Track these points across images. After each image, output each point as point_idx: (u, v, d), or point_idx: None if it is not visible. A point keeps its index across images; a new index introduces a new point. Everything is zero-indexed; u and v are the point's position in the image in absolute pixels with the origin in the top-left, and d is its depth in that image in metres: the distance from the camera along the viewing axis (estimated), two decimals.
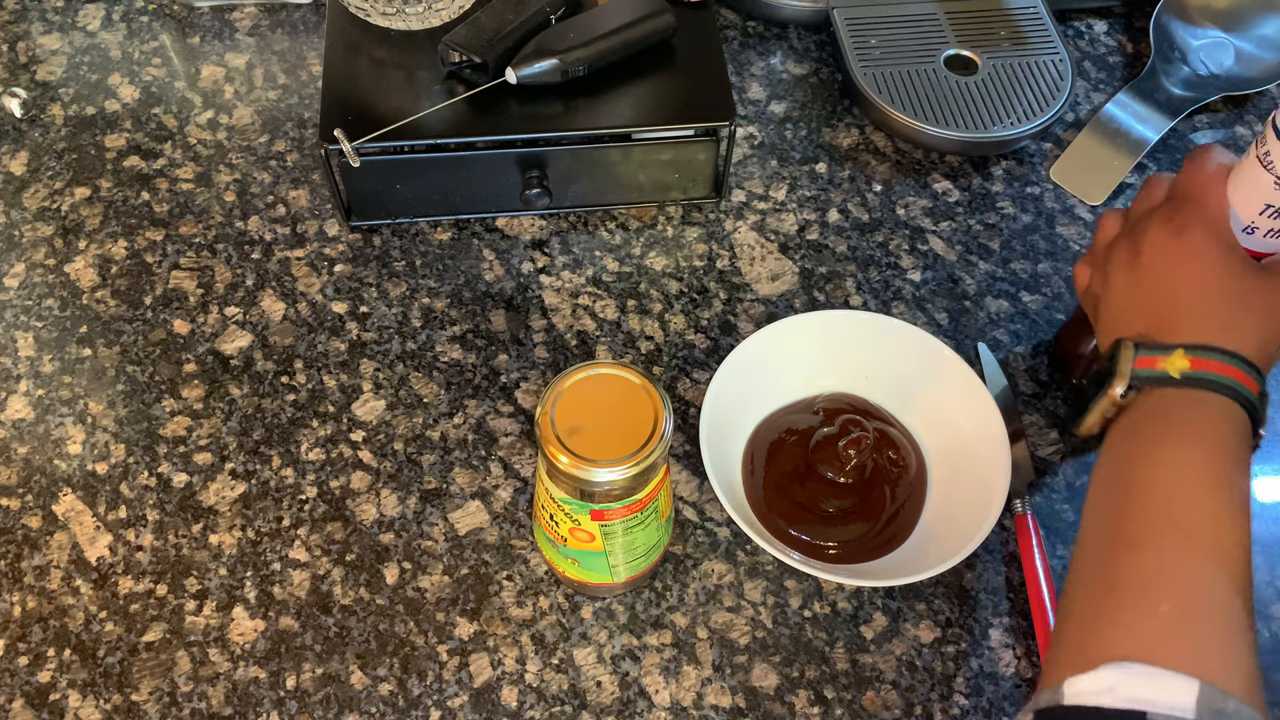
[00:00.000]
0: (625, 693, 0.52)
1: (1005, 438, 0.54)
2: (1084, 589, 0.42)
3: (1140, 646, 0.38)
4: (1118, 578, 0.41)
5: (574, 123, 0.63)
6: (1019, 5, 0.76)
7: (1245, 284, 0.46)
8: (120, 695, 0.51)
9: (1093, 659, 0.38)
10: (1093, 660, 0.38)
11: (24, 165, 0.70)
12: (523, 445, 0.59)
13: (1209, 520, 0.41)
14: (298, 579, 0.55)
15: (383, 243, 0.67)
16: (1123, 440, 0.45)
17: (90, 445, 0.59)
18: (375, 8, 0.66)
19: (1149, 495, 0.42)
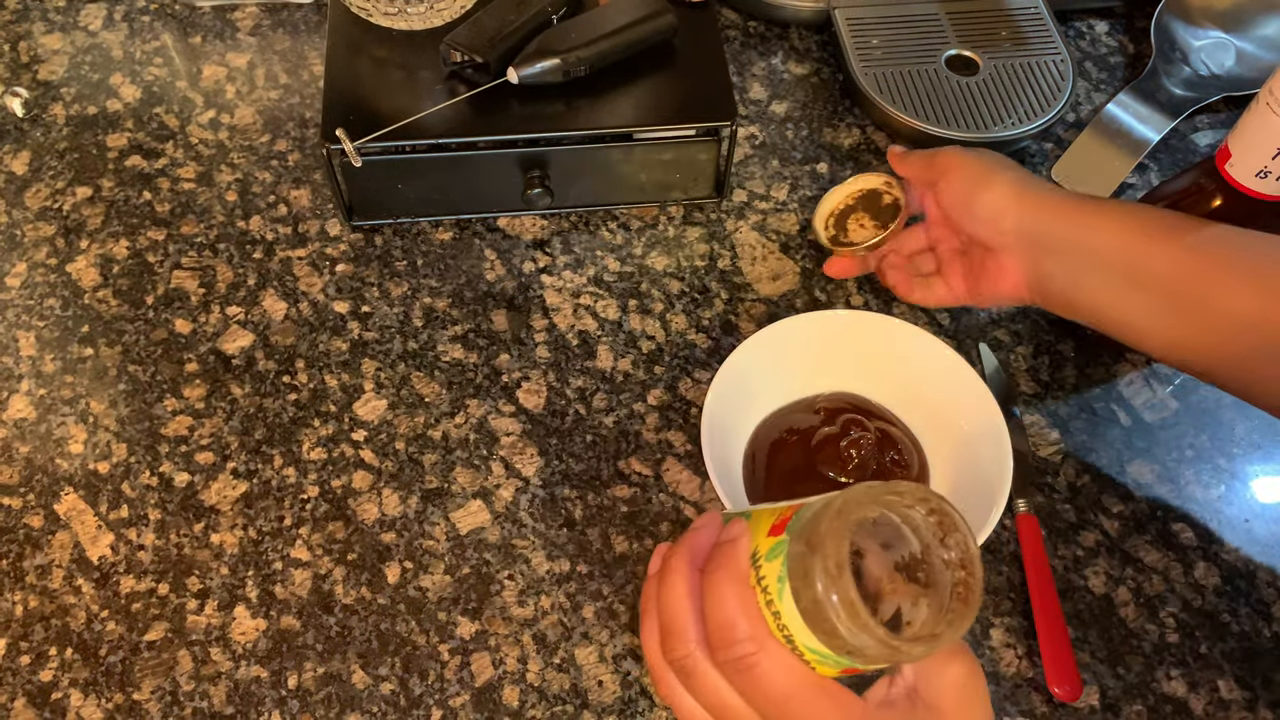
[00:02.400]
0: (627, 692, 0.52)
1: (1006, 438, 0.54)
2: None
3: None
4: None
5: (575, 123, 0.63)
6: (1020, 5, 0.76)
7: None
8: (122, 694, 0.51)
9: None
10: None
11: (26, 165, 0.70)
12: (524, 445, 0.59)
13: None
14: (299, 578, 0.55)
15: (384, 242, 0.67)
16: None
17: (92, 444, 0.59)
18: (377, 7, 0.66)
19: None
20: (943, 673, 0.38)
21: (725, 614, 0.36)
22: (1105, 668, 0.53)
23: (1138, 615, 0.55)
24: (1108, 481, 0.59)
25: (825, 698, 0.37)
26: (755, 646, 0.36)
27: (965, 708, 0.39)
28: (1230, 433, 0.61)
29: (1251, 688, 0.53)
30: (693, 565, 0.39)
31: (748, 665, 0.36)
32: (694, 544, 0.39)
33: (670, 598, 0.38)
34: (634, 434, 0.60)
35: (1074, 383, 0.62)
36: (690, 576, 0.38)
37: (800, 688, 0.36)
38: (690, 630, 0.38)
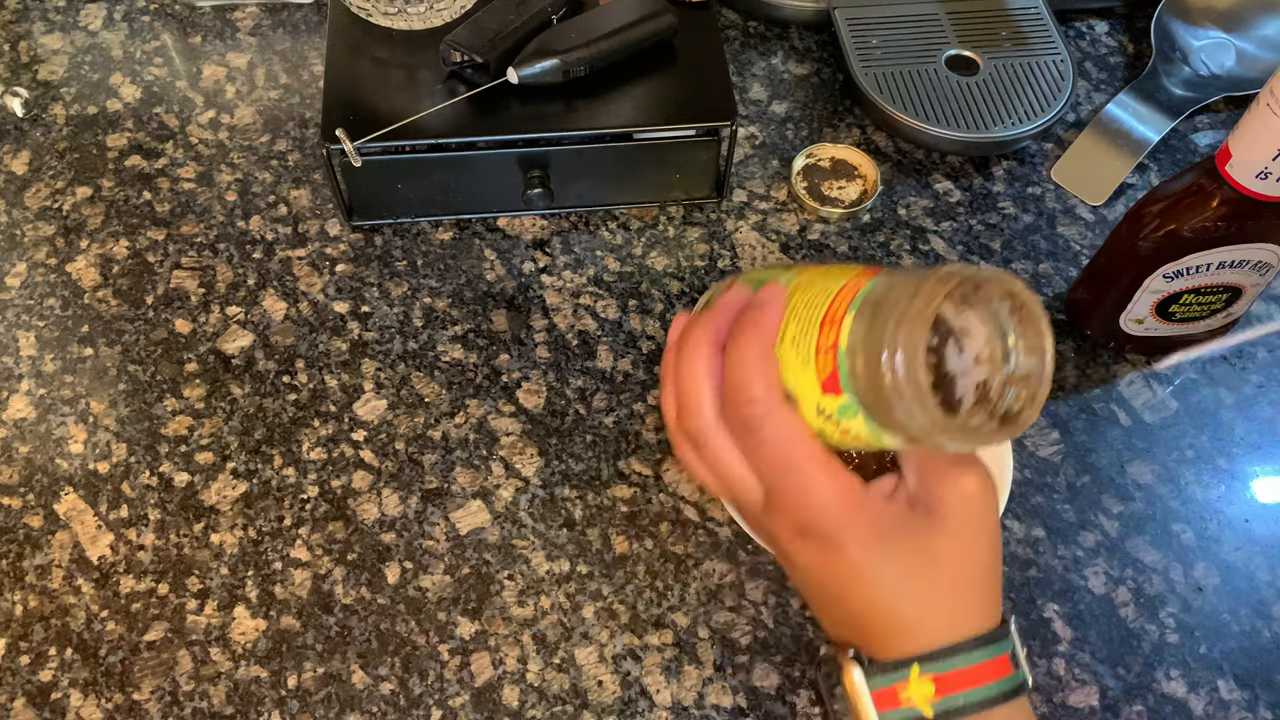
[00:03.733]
0: (627, 692, 0.52)
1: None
2: None
3: None
4: None
5: (575, 123, 0.63)
6: (1020, 5, 0.76)
7: (923, 560, 0.38)
8: (122, 694, 0.51)
9: None
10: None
11: (25, 165, 0.70)
12: (524, 445, 0.59)
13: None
14: (299, 578, 0.55)
15: (384, 242, 0.67)
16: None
17: (92, 444, 0.59)
18: (377, 7, 0.66)
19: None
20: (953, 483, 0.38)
21: (743, 374, 0.36)
22: (1105, 668, 0.53)
23: (1138, 615, 0.55)
24: (1107, 482, 0.59)
25: (825, 473, 0.37)
26: (764, 410, 0.36)
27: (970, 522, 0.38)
28: (1230, 433, 0.61)
29: (1251, 688, 0.53)
30: (713, 341, 0.38)
31: (754, 426, 0.36)
32: (717, 319, 0.38)
33: (688, 372, 0.38)
34: (634, 434, 0.60)
35: (1074, 383, 0.62)
36: (710, 352, 0.38)
37: (802, 457, 0.36)
38: (705, 405, 0.38)
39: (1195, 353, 0.62)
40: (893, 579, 0.37)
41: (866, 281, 0.35)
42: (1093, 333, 0.63)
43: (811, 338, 0.35)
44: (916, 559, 0.37)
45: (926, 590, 0.37)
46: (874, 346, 0.33)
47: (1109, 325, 0.61)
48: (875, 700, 0.37)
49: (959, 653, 0.36)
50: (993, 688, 0.36)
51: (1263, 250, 0.54)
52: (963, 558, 0.38)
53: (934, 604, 0.37)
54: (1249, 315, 0.65)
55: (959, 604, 0.38)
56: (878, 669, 0.37)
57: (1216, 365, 0.63)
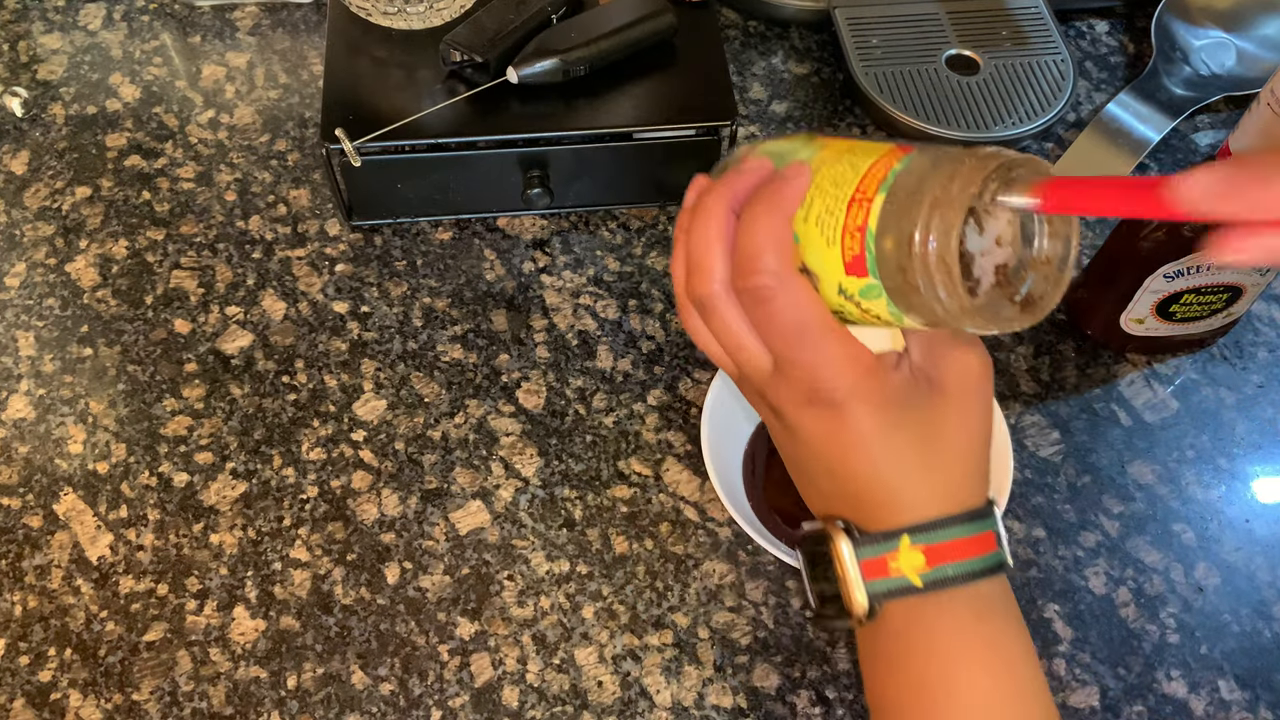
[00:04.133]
0: (626, 693, 0.52)
1: (1007, 438, 0.54)
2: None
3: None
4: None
5: (575, 122, 0.63)
6: (1020, 5, 0.76)
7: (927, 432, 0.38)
8: (121, 695, 0.51)
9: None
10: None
11: (25, 164, 0.70)
12: (523, 445, 0.59)
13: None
14: (299, 578, 0.55)
15: (384, 242, 0.67)
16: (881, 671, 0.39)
17: (91, 445, 0.59)
18: (376, 7, 0.66)
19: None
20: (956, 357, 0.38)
21: (755, 243, 0.36)
22: (1106, 668, 0.53)
23: (1138, 615, 0.54)
24: (1108, 482, 0.59)
25: (836, 341, 0.37)
26: (776, 280, 0.36)
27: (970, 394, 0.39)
28: (1231, 433, 0.61)
29: (1252, 688, 0.53)
30: (729, 205, 0.38)
31: (766, 296, 0.36)
32: (735, 185, 0.38)
33: (701, 234, 0.38)
34: (634, 434, 0.59)
35: (1074, 383, 0.62)
36: (724, 217, 0.37)
37: (813, 326, 0.36)
38: (716, 270, 0.37)
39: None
40: (895, 448, 0.37)
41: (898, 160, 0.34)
42: (1093, 333, 0.63)
43: (838, 217, 0.35)
44: (919, 430, 0.38)
45: (925, 461, 0.38)
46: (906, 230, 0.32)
47: (1110, 325, 0.61)
48: (864, 569, 0.37)
49: (951, 525, 0.37)
50: (980, 561, 0.37)
51: None
52: (962, 431, 0.38)
53: (931, 476, 0.38)
54: (1249, 315, 0.65)
55: (954, 477, 0.38)
56: (868, 539, 0.38)
57: (1217, 365, 0.63)
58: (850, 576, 0.38)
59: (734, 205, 0.38)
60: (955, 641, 0.37)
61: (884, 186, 0.34)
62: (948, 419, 0.38)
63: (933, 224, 0.32)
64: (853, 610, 0.38)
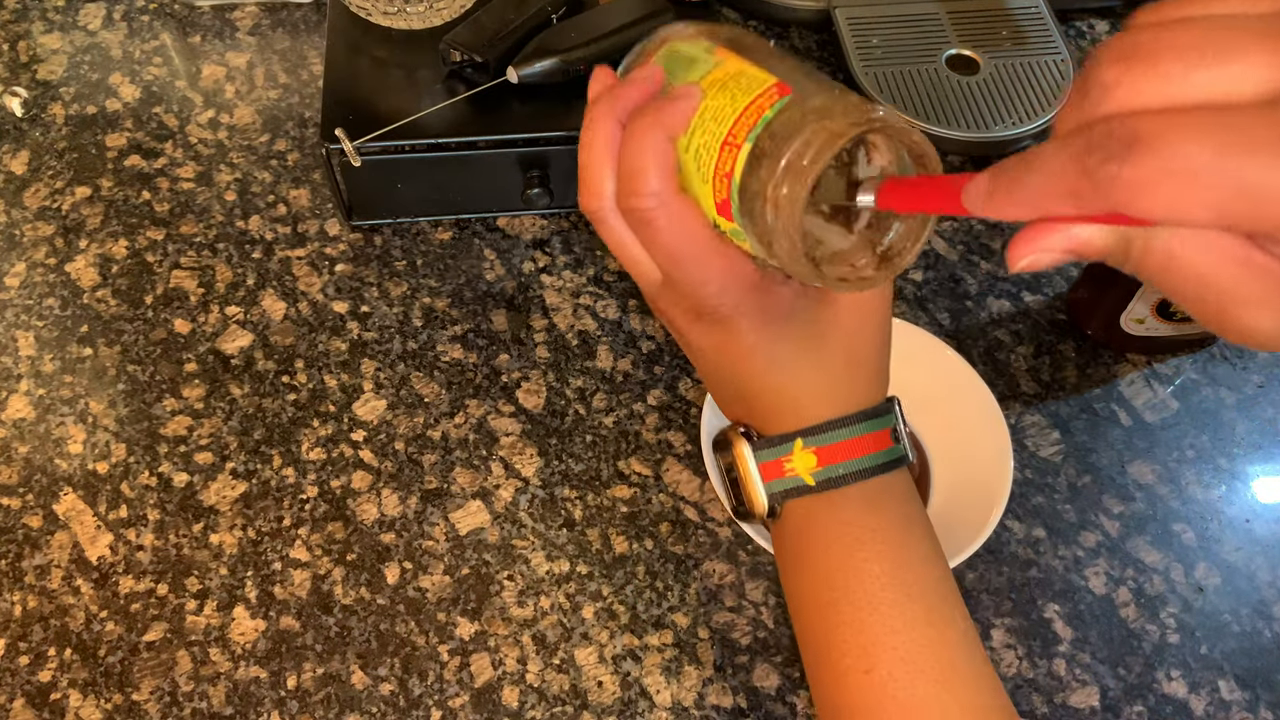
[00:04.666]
0: (626, 693, 0.52)
1: (1007, 438, 0.54)
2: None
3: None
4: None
5: (575, 122, 0.62)
6: (1020, 5, 0.76)
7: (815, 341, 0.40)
8: (121, 695, 0.51)
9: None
10: None
11: (25, 164, 0.70)
12: (523, 445, 0.59)
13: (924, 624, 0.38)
14: (298, 579, 0.55)
15: (384, 242, 0.67)
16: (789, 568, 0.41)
17: (91, 445, 0.59)
18: (376, 7, 0.66)
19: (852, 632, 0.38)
20: None
21: (638, 163, 0.36)
22: (1106, 668, 0.53)
23: (1138, 615, 0.54)
24: (1108, 482, 0.59)
25: (720, 259, 0.37)
26: (657, 202, 0.36)
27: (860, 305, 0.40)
28: (1231, 433, 0.61)
29: (1252, 688, 0.53)
30: (617, 119, 0.38)
31: (648, 218, 0.37)
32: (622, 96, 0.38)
33: (587, 148, 0.38)
34: (634, 434, 0.59)
35: (1074, 383, 0.62)
36: (611, 131, 0.38)
37: (697, 247, 0.37)
38: (603, 186, 0.38)
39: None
40: (784, 358, 0.39)
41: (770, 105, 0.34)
42: (1093, 333, 0.63)
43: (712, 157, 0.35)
44: (808, 339, 0.39)
45: (815, 368, 0.39)
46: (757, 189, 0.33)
47: (1109, 325, 0.61)
48: (761, 472, 0.40)
49: (841, 426, 0.39)
50: (870, 459, 0.39)
51: None
52: (852, 336, 0.40)
53: (821, 382, 0.39)
54: None
55: (845, 382, 0.40)
56: (765, 443, 0.40)
57: (1217, 365, 0.63)
58: (750, 478, 0.40)
59: (621, 118, 0.38)
60: (847, 533, 0.39)
61: (751, 135, 0.34)
62: (836, 326, 0.40)
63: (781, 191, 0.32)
64: (754, 509, 0.40)
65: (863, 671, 0.37)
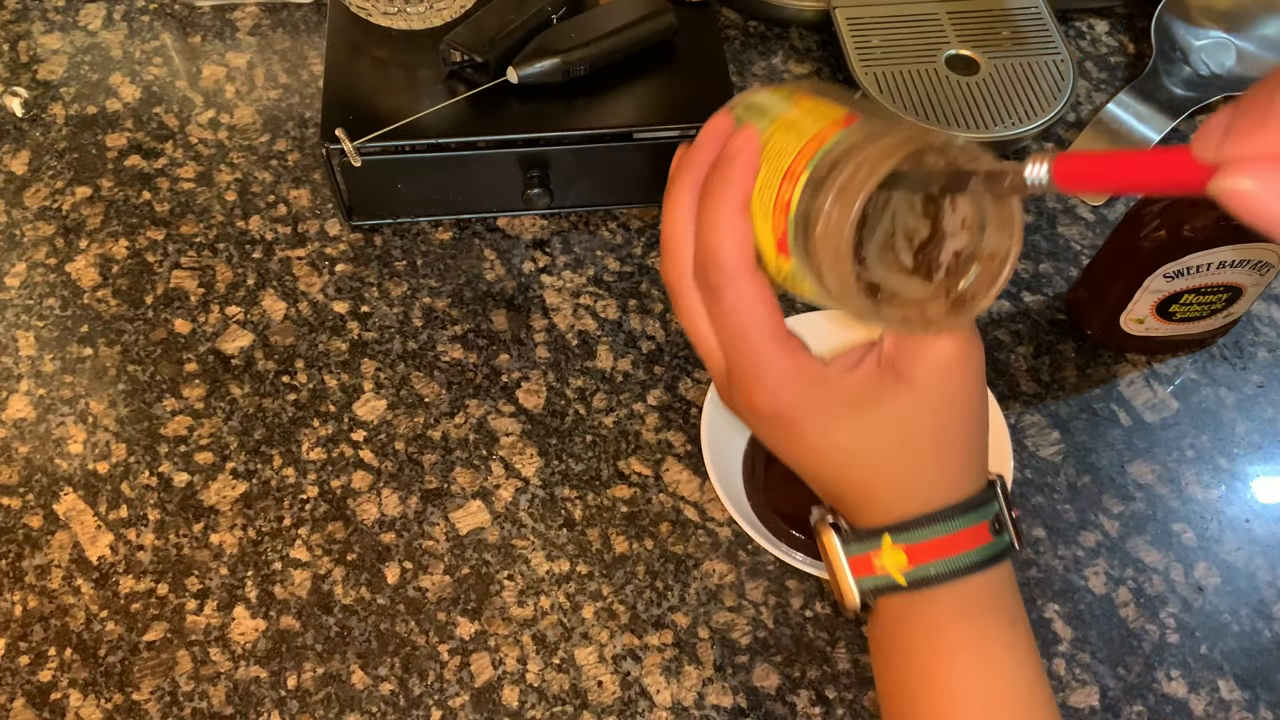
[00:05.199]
0: (626, 692, 0.52)
1: (1007, 438, 0.54)
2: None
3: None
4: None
5: (575, 122, 0.63)
6: (1020, 5, 0.76)
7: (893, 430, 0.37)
8: (121, 695, 0.51)
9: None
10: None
11: (25, 164, 0.70)
12: (523, 445, 0.59)
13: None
14: (299, 578, 0.55)
15: (384, 242, 0.67)
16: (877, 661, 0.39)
17: (91, 445, 0.59)
18: (377, 7, 0.66)
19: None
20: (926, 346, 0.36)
21: (709, 239, 0.35)
22: (1105, 668, 0.53)
23: (1138, 615, 0.54)
24: (1108, 482, 0.59)
25: (779, 347, 0.36)
26: (727, 278, 0.35)
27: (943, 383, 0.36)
28: (1231, 433, 0.61)
29: (1252, 688, 0.53)
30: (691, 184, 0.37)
31: (717, 294, 0.36)
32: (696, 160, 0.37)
33: (668, 219, 0.37)
34: (634, 434, 0.59)
35: (1074, 383, 0.62)
36: (689, 200, 0.37)
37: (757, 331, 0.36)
38: (680, 255, 0.37)
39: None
40: (859, 451, 0.36)
41: (834, 134, 0.33)
42: (1093, 332, 0.63)
43: (772, 193, 0.34)
44: (882, 429, 0.36)
45: (896, 460, 0.36)
46: (814, 218, 0.31)
47: (1109, 325, 0.61)
48: (851, 566, 0.37)
49: (932, 522, 0.36)
50: (965, 557, 0.36)
51: (1263, 250, 0.54)
52: (933, 426, 0.36)
53: (902, 474, 0.37)
54: (1249, 315, 0.65)
55: (929, 473, 0.37)
56: (853, 536, 0.37)
57: (1217, 365, 0.63)
58: (841, 571, 0.38)
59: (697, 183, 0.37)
60: (935, 640, 0.37)
61: (811, 162, 0.32)
62: (917, 413, 0.36)
63: (832, 216, 0.31)
64: (845, 605, 0.38)
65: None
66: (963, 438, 0.37)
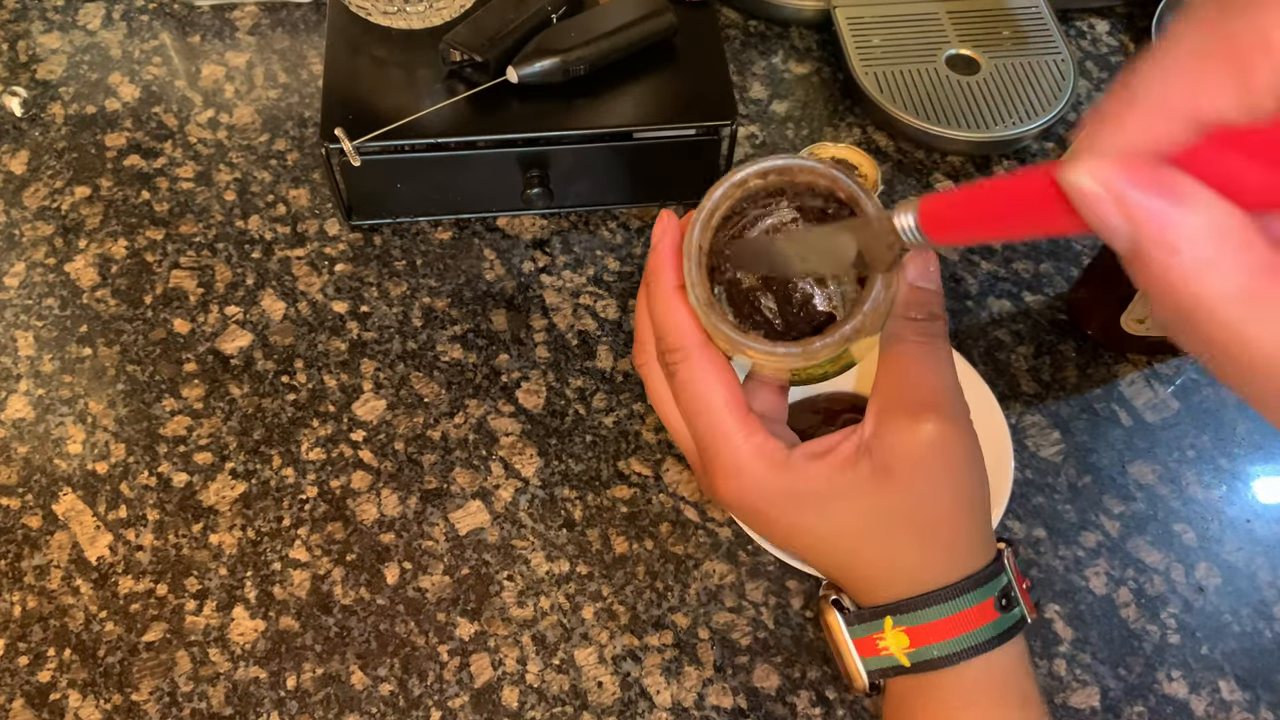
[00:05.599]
0: (626, 693, 0.52)
1: (1007, 437, 0.54)
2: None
3: None
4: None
5: (575, 122, 0.63)
6: (1021, 5, 0.76)
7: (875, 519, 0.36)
8: (120, 695, 0.51)
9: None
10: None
11: (24, 164, 0.70)
12: (523, 445, 0.59)
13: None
14: (298, 579, 0.55)
15: (383, 242, 0.67)
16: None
17: (90, 445, 0.59)
18: (376, 6, 0.66)
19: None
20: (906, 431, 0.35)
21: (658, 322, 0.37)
22: (1106, 668, 0.53)
23: (1139, 616, 0.54)
24: (1109, 482, 0.59)
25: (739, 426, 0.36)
26: (679, 356, 0.37)
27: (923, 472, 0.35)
28: (1232, 433, 0.61)
29: (1253, 688, 0.53)
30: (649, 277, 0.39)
31: (672, 372, 0.37)
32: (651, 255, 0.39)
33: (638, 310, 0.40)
34: (634, 434, 0.59)
35: (1075, 383, 0.62)
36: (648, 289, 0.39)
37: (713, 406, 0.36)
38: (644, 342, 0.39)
39: None
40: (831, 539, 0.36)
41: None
42: (1094, 332, 0.63)
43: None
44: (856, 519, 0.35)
45: (880, 546, 0.36)
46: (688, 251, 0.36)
47: (1110, 325, 0.61)
48: (857, 648, 0.37)
49: (929, 604, 0.35)
50: (970, 638, 0.35)
51: None
52: (915, 513, 0.35)
53: (891, 559, 0.36)
54: None
55: (914, 557, 0.36)
56: (856, 617, 0.37)
57: None
58: (846, 652, 0.37)
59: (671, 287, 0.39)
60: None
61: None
62: (897, 503, 0.35)
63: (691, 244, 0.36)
64: (853, 685, 0.37)
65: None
66: (951, 520, 0.36)
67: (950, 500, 0.36)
